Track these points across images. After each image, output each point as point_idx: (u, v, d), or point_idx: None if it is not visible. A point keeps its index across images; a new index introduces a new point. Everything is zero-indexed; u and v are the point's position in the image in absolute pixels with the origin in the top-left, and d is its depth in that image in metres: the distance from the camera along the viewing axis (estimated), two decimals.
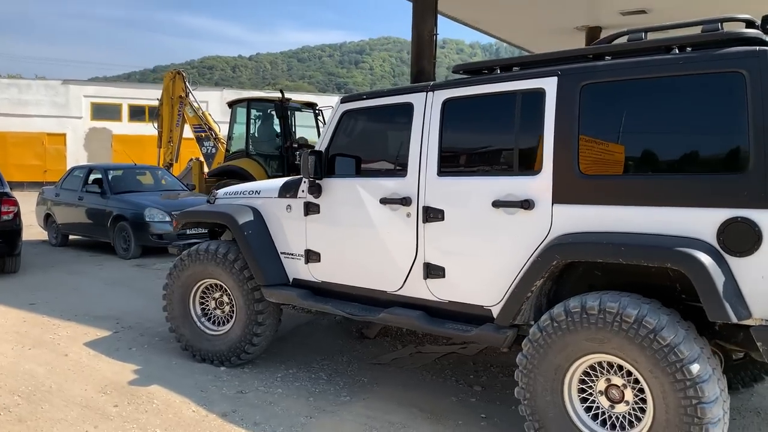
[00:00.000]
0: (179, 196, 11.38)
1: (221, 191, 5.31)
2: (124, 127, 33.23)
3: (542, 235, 3.31)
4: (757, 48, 2.78)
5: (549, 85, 3.33)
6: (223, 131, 16.02)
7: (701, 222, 2.86)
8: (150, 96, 35.10)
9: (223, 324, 4.93)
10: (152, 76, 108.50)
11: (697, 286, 2.75)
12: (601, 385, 3.12)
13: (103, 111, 33.55)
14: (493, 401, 4.24)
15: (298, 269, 4.57)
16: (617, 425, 3.07)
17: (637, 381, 2.99)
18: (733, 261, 2.79)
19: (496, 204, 3.46)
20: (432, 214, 3.74)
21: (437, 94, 3.79)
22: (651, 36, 3.24)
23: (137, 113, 33.51)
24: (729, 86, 2.82)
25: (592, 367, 3.13)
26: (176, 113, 16.08)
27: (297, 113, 14.51)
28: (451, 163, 3.74)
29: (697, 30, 3.06)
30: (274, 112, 14.37)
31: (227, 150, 14.91)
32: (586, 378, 3.17)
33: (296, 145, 13.96)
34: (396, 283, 3.97)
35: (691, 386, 2.76)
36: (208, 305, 5.01)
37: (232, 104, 14.74)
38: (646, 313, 2.88)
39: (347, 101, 4.27)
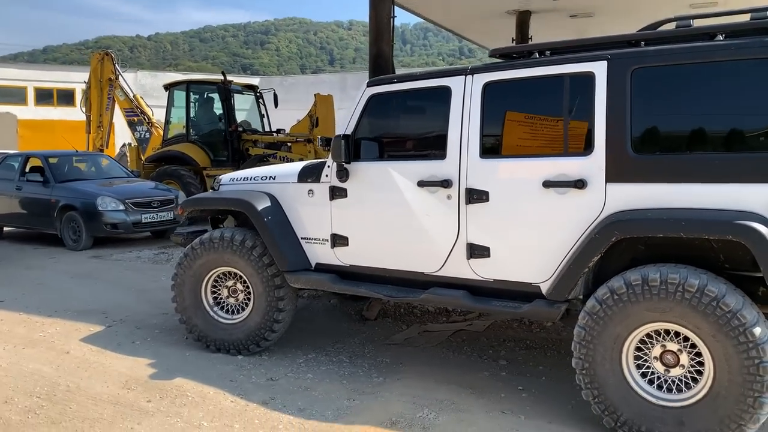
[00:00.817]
0: (128, 182, 10.90)
1: (225, 177, 5.18)
2: (30, 111, 31.24)
3: (595, 213, 3.47)
4: None
5: (599, 69, 3.48)
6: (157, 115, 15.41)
7: (754, 196, 3.09)
8: (58, 78, 33.27)
9: (238, 312, 4.85)
10: (43, 57, 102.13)
11: (759, 255, 2.98)
12: (656, 351, 3.32)
13: (4, 94, 31.40)
14: (523, 374, 4.41)
15: (321, 254, 4.55)
16: (673, 388, 3.29)
17: (693, 346, 3.21)
18: None
19: (547, 184, 3.58)
20: (476, 196, 3.82)
21: (477, 78, 3.86)
22: (697, 23, 3.43)
23: (44, 97, 31.56)
24: None
25: (648, 335, 3.33)
26: (105, 97, 15.31)
27: (236, 96, 14.14)
28: (494, 145, 3.83)
29: (745, 17, 3.28)
30: (215, 95, 13.97)
31: (164, 135, 14.39)
32: (641, 345, 3.36)
33: (241, 129, 13.68)
34: (435, 264, 4.04)
35: (753, 348, 2.99)
36: (220, 294, 4.90)
37: (169, 87, 14.21)
38: (706, 283, 3.10)
39: (375, 84, 4.26)
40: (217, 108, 14.05)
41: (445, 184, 3.91)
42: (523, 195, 3.68)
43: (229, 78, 13.82)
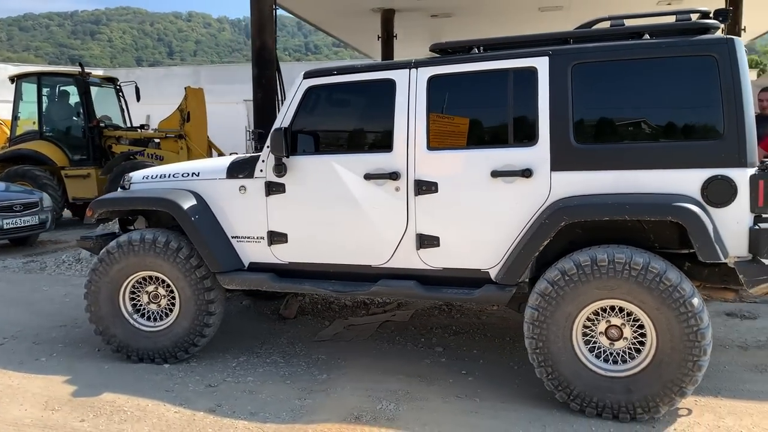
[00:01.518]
0: None
1: (136, 175, 4.84)
2: None
3: (541, 200, 3.67)
4: (726, 36, 3.40)
5: (541, 64, 3.68)
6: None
7: (687, 181, 3.44)
8: None
9: (161, 319, 4.56)
10: None
11: (693, 233, 3.32)
12: (602, 326, 3.59)
13: None
14: (461, 358, 4.56)
15: (256, 252, 4.40)
16: (618, 359, 3.57)
17: (636, 320, 3.50)
18: (714, 211, 3.41)
19: (495, 174, 3.73)
20: (424, 187, 3.89)
21: (421, 71, 3.92)
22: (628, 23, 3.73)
23: None
24: (704, 67, 3.41)
25: (594, 312, 3.59)
26: None
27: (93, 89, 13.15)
28: (440, 137, 3.92)
29: (671, 19, 3.62)
30: (71, 88, 12.91)
31: (12, 132, 13.11)
32: (587, 323, 3.61)
33: (103, 125, 12.77)
34: (383, 257, 4.06)
35: (692, 317, 3.33)
36: (139, 300, 4.58)
37: (16, 79, 12.92)
38: (650, 261, 3.39)
39: (312, 77, 4.18)
40: (74, 102, 13.00)
41: (394, 176, 3.94)
42: (471, 185, 3.81)
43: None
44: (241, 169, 4.38)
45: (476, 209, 3.81)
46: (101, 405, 3.86)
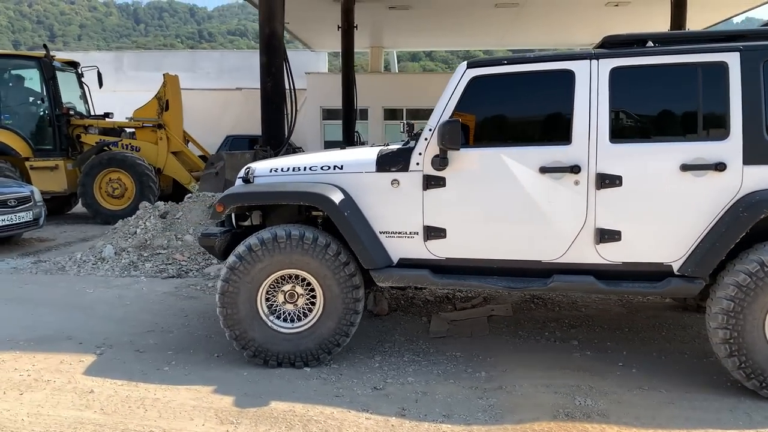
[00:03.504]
0: None
1: (260, 168, 4.52)
2: None
3: (732, 193, 3.74)
4: None
5: (731, 59, 3.73)
6: None
7: None
8: None
9: (298, 319, 4.29)
10: None
11: None
12: None
13: None
14: (604, 350, 4.58)
15: (407, 248, 4.22)
16: None
17: None
18: None
19: (685, 167, 3.76)
20: (607, 180, 3.86)
21: (603, 63, 3.88)
22: None
23: None
24: None
25: None
26: None
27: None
28: (625, 129, 3.90)
29: None
30: (34, 72, 11.91)
31: None
32: None
33: (72, 113, 11.89)
34: (556, 252, 4.00)
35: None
36: (275, 301, 4.30)
37: None
38: None
39: (477, 66, 4.05)
40: (34, 87, 11.99)
41: (574, 169, 3.88)
42: (659, 178, 3.82)
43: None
44: (394, 162, 4.18)
45: (662, 203, 3.83)
46: (282, 415, 3.59)
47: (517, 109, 4.18)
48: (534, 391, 3.89)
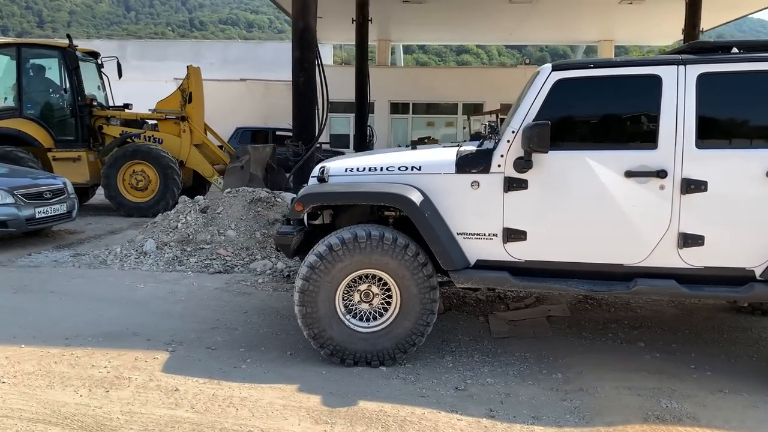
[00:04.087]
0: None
1: (335, 167, 4.52)
2: None
3: None
4: None
5: None
6: None
7: None
8: None
9: (374, 319, 4.31)
10: None
11: None
12: None
13: None
14: (672, 353, 4.62)
15: (486, 250, 4.24)
16: None
17: None
18: None
19: None
20: (693, 186, 3.90)
21: (690, 68, 3.91)
22: None
23: None
24: None
25: None
26: None
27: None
28: (711, 136, 3.93)
29: None
30: (55, 62, 11.81)
31: None
32: None
33: (95, 104, 11.82)
34: (639, 255, 4.04)
35: None
36: (351, 300, 4.31)
37: None
38: None
39: (562, 69, 4.07)
40: (57, 77, 11.90)
41: (661, 174, 3.91)
42: (744, 184, 3.85)
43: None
44: (474, 163, 4.20)
45: (746, 208, 3.87)
46: (375, 416, 3.61)
47: (603, 113, 4.19)
48: (616, 393, 3.93)
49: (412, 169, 4.33)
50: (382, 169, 4.39)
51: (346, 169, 4.48)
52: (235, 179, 10.24)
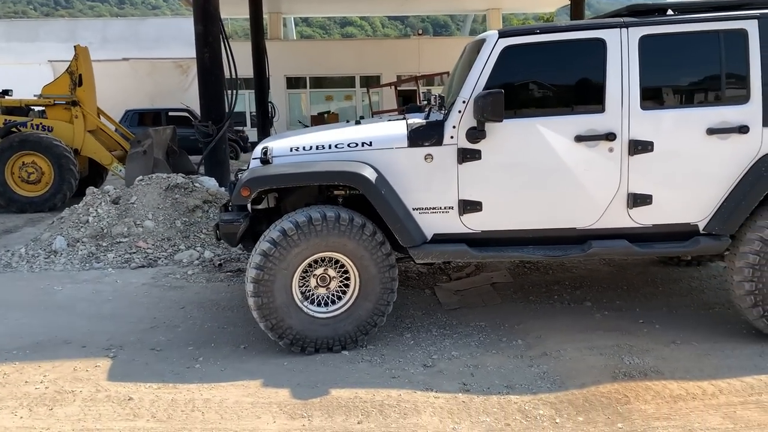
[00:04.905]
0: None
1: (278, 147, 4.28)
2: None
3: (753, 154, 3.99)
4: None
5: (751, 26, 3.94)
6: None
7: None
8: None
9: (332, 303, 4.17)
10: None
11: None
12: None
13: None
14: (618, 309, 4.79)
15: (442, 223, 4.18)
16: None
17: None
18: None
19: (711, 131, 3.96)
20: (640, 146, 3.99)
21: (632, 31, 3.97)
22: None
23: None
24: None
25: None
26: None
27: None
28: (654, 97, 4.03)
29: None
30: None
31: None
32: None
33: None
34: (591, 218, 4.11)
35: None
36: (307, 286, 4.14)
37: None
38: None
39: (509, 36, 4.02)
40: None
41: (609, 137, 3.98)
42: (687, 142, 4.00)
43: None
44: (427, 136, 4.10)
45: (690, 166, 4.02)
46: (351, 403, 3.49)
47: (551, 79, 4.19)
48: (580, 355, 4.01)
49: (362, 145, 4.17)
50: (330, 146, 4.21)
51: (291, 149, 4.26)
52: (138, 166, 9.63)
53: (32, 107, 11.22)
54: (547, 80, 4.19)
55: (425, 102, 4.61)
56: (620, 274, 5.66)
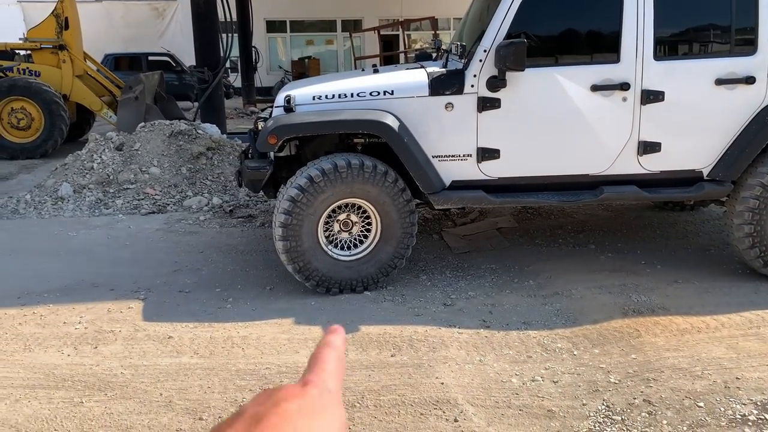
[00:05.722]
0: None
1: (300, 95, 4.37)
2: None
3: (757, 104, 4.20)
4: None
5: None
6: None
7: None
8: None
9: (354, 247, 4.35)
10: None
11: None
12: None
13: None
14: (620, 251, 5.06)
15: (460, 170, 4.35)
16: None
17: None
18: None
19: (719, 81, 4.15)
20: (652, 96, 4.17)
21: None
22: None
23: None
24: None
25: None
26: None
27: None
28: (666, 47, 4.19)
29: None
30: None
31: None
32: None
33: None
34: (603, 165, 4.31)
35: None
36: (330, 231, 4.31)
37: None
38: None
39: None
40: None
41: (624, 87, 4.15)
42: (696, 92, 4.19)
43: None
44: (447, 85, 4.22)
45: (699, 115, 4.22)
46: (382, 338, 3.72)
47: (567, 29, 4.32)
48: (590, 293, 4.27)
49: (384, 94, 4.28)
50: (352, 95, 4.31)
51: (314, 97, 4.35)
52: (130, 112, 9.56)
53: (17, 51, 10.97)
54: (564, 30, 4.32)
55: (434, 49, 4.70)
56: (618, 219, 5.92)
